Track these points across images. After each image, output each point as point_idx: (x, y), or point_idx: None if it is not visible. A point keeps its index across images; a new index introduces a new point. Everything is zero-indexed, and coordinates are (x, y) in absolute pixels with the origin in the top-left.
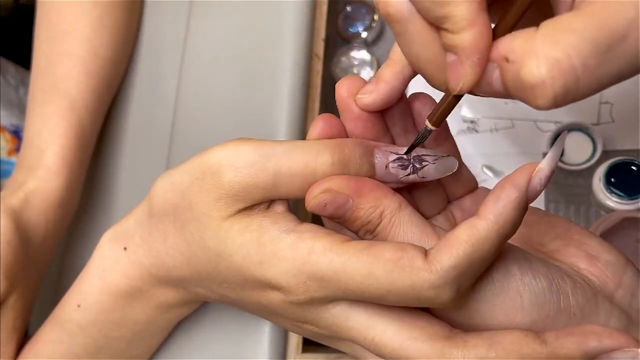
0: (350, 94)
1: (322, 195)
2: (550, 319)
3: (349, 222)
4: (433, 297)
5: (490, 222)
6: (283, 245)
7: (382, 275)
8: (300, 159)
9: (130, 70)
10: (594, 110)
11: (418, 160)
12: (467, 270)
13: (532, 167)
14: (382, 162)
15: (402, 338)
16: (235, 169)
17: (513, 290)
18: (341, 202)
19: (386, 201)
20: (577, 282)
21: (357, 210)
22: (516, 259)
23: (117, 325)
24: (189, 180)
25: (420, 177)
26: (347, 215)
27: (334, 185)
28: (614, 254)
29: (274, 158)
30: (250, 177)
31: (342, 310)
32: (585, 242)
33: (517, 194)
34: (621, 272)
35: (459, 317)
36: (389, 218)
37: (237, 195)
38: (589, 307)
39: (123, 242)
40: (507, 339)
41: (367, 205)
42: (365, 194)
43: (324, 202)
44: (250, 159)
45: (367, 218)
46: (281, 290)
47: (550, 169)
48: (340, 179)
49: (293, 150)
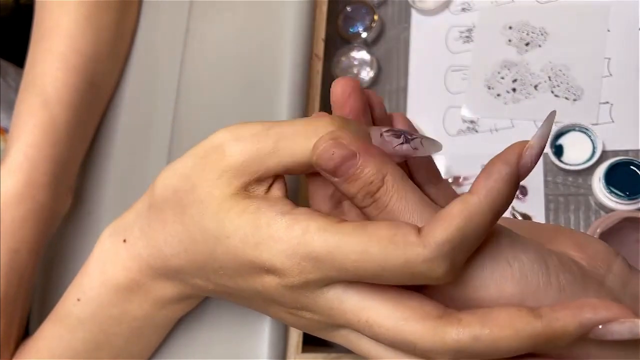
0: (344, 92)
1: (332, 143)
2: (541, 290)
3: (351, 180)
4: (427, 272)
5: (482, 197)
6: (278, 227)
7: (377, 252)
8: (301, 122)
9: (129, 70)
10: (594, 110)
11: (408, 134)
12: (460, 244)
13: (523, 144)
14: (376, 132)
15: (395, 318)
16: (237, 139)
17: (503, 260)
18: (349, 154)
19: (390, 167)
20: (565, 262)
21: (362, 168)
22: (507, 234)
23: (115, 320)
24: (192, 162)
25: (413, 147)
26: (350, 172)
27: (343, 139)
28: (603, 245)
29: (276, 126)
30: (253, 144)
31: (337, 293)
32: (574, 234)
33: (509, 169)
34: (611, 260)
35: (452, 292)
36: (391, 183)
37: (239, 167)
38: (577, 285)
39: (123, 235)
40: (502, 314)
41: (373, 164)
42: (372, 153)
43: (331, 150)
44: (253, 130)
45: (370, 178)
46: (276, 273)
47: (540, 145)
48: (350, 135)
49: (295, 119)
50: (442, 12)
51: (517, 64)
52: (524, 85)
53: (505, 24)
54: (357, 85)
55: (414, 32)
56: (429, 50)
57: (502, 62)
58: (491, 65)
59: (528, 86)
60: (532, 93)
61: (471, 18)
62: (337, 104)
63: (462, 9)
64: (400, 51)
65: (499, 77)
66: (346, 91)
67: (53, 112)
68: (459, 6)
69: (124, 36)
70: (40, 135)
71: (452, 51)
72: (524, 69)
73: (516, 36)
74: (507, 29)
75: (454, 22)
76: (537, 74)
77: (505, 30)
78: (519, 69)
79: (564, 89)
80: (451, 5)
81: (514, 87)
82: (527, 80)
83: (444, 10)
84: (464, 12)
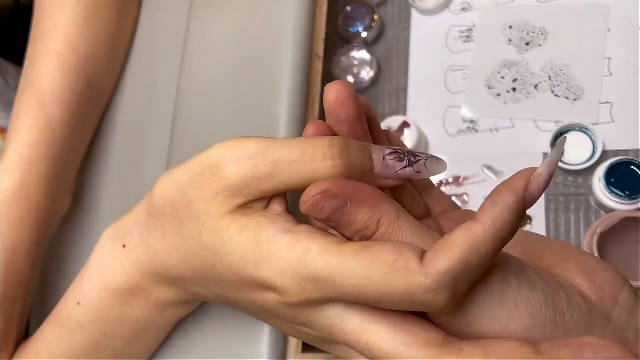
0: (338, 98)
1: (320, 197)
2: (547, 330)
3: (345, 227)
4: (428, 301)
5: (488, 226)
6: (279, 246)
7: (378, 278)
8: (299, 146)
9: (129, 70)
10: (594, 110)
11: (412, 155)
12: (463, 274)
13: (531, 172)
14: (379, 155)
15: (396, 343)
16: (233, 161)
17: (510, 301)
18: (339, 205)
19: (385, 207)
20: (573, 298)
21: (355, 215)
22: (515, 271)
23: (116, 323)
24: (189, 178)
25: (416, 171)
26: (343, 220)
27: (332, 187)
28: (612, 272)
29: (273, 148)
30: (249, 169)
31: (338, 312)
32: (583, 259)
33: (515, 198)
34: (618, 290)
35: (455, 323)
36: (386, 225)
37: (235, 189)
38: (584, 324)
39: (122, 240)
40: (503, 347)
41: (366, 210)
42: (364, 198)
43: (321, 205)
44: (249, 151)
45: (365, 224)
46: (276, 291)
47: (548, 174)
48: (338, 181)
49: (292, 140)
50: (442, 12)
51: (517, 64)
52: (524, 85)
53: (506, 24)
54: (352, 90)
55: (414, 32)
56: (429, 50)
57: (502, 62)
58: (491, 65)
59: (528, 86)
60: (532, 93)
61: (471, 18)
62: (331, 112)
63: (462, 8)
64: (400, 51)
65: (499, 77)
66: (340, 98)
67: (49, 112)
68: (459, 6)
69: (123, 36)
70: (36, 135)
71: (452, 51)
72: (524, 68)
73: (516, 36)
74: (508, 28)
75: (454, 22)
76: (537, 73)
77: (505, 30)
78: (519, 68)
79: (564, 89)
80: (451, 5)
81: (514, 87)
82: (527, 80)
83: (444, 10)
84: (464, 12)
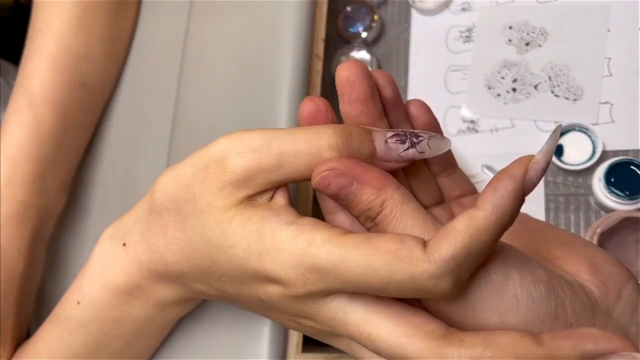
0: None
1: (328, 173)
2: (547, 323)
3: (351, 206)
4: (432, 287)
5: (488, 213)
6: (283, 237)
7: (381, 266)
8: (303, 136)
9: (129, 70)
10: (594, 110)
11: (414, 136)
12: (465, 260)
13: (528, 159)
14: (381, 138)
15: (398, 334)
16: (238, 154)
17: (510, 294)
18: (345, 183)
19: (390, 191)
20: (576, 292)
21: (360, 195)
22: (517, 263)
23: (116, 322)
24: (192, 172)
25: (419, 151)
26: (349, 198)
27: (340, 166)
28: (617, 266)
29: (278, 140)
30: (254, 161)
31: (340, 304)
32: (589, 252)
33: (514, 184)
34: (622, 284)
35: (455, 315)
36: (390, 208)
37: (240, 181)
38: (585, 318)
39: (122, 239)
40: (504, 339)
41: (370, 191)
42: (369, 180)
43: (328, 180)
44: (254, 143)
45: (369, 204)
46: (280, 283)
47: (545, 160)
48: (348, 161)
49: (295, 130)
50: (442, 12)
51: (517, 64)
52: (524, 85)
53: (505, 24)
54: (364, 69)
55: (414, 32)
56: (429, 50)
57: (502, 62)
58: (491, 65)
59: (528, 86)
60: (532, 93)
61: (471, 18)
62: (343, 91)
63: (462, 8)
64: (400, 51)
65: (499, 77)
66: (352, 77)
67: (37, 111)
68: (459, 6)
69: (120, 36)
70: (21, 134)
71: (452, 51)
72: (524, 68)
73: (516, 36)
74: (507, 28)
75: (454, 22)
76: (537, 73)
77: (505, 30)
78: (519, 68)
79: (564, 89)
80: (451, 5)
81: (514, 87)
82: (527, 80)
83: (444, 10)
84: (464, 12)
